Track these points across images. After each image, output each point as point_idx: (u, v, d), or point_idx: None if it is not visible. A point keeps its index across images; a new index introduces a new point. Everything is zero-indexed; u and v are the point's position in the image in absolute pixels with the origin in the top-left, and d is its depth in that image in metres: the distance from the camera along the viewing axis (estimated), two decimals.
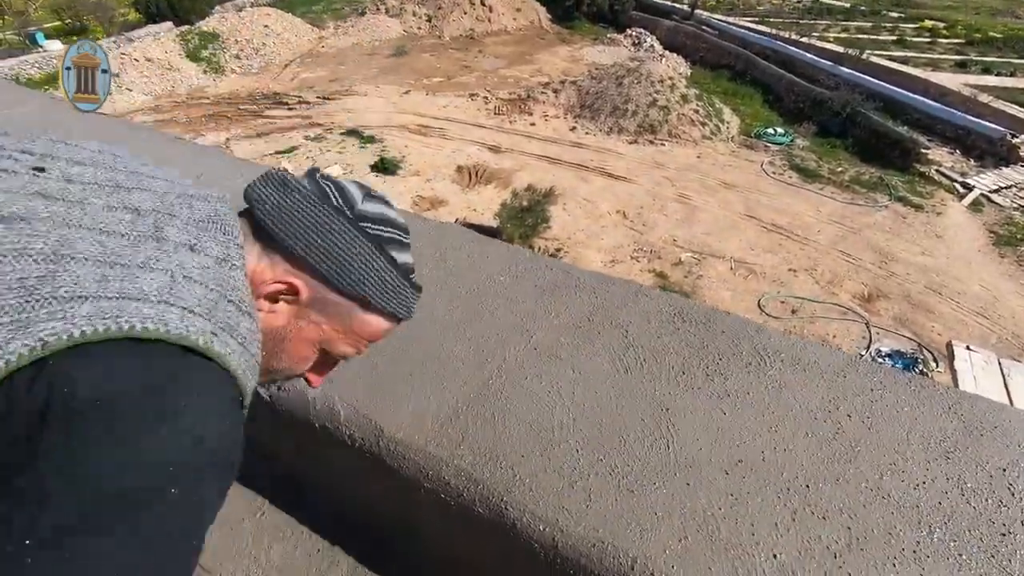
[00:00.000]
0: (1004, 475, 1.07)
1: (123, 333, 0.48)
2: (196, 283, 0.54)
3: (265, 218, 0.62)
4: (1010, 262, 13.71)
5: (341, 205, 0.64)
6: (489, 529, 1.01)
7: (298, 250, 0.62)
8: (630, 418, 1.15)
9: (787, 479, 1.05)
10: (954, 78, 21.51)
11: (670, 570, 0.91)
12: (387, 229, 0.66)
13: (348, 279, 0.63)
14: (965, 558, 0.94)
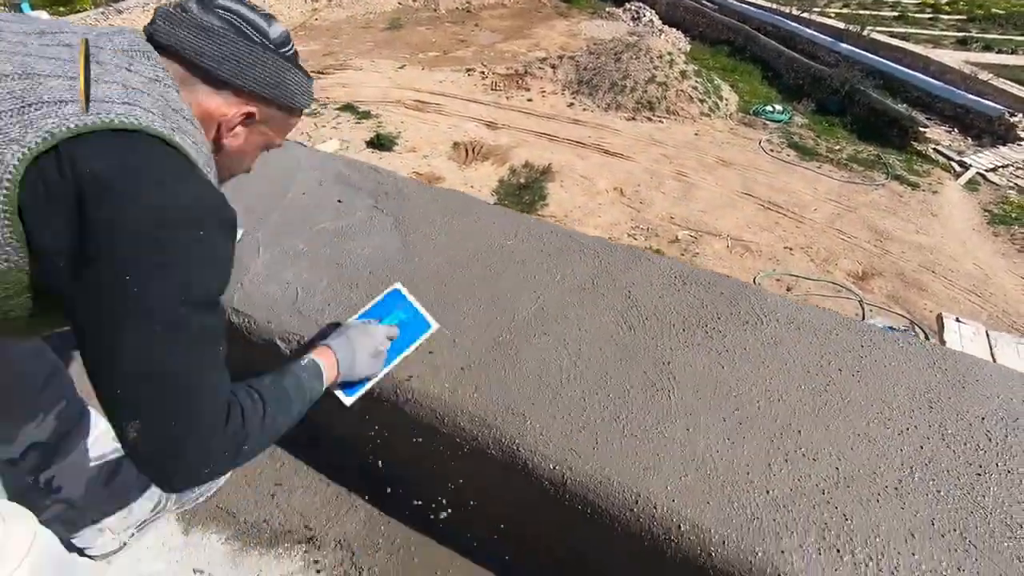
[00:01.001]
0: (983, 423, 1.15)
1: (107, 125, 0.61)
2: (143, 94, 0.66)
3: (205, 62, 0.72)
4: (1003, 240, 13.80)
5: (260, 40, 0.76)
6: (502, 470, 1.08)
7: (246, 86, 0.75)
8: (633, 371, 1.22)
9: (780, 425, 1.12)
10: (955, 55, 21.32)
11: (671, 504, 0.98)
12: (291, 47, 0.82)
13: (287, 97, 0.80)
14: (943, 494, 1.02)
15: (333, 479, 1.40)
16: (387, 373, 1.08)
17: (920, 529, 0.96)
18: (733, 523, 0.96)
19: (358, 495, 1.37)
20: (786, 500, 0.99)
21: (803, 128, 18.31)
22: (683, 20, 26.08)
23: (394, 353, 1.10)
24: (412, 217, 1.66)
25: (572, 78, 20.75)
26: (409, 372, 1.19)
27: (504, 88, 20.95)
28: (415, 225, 1.63)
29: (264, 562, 1.26)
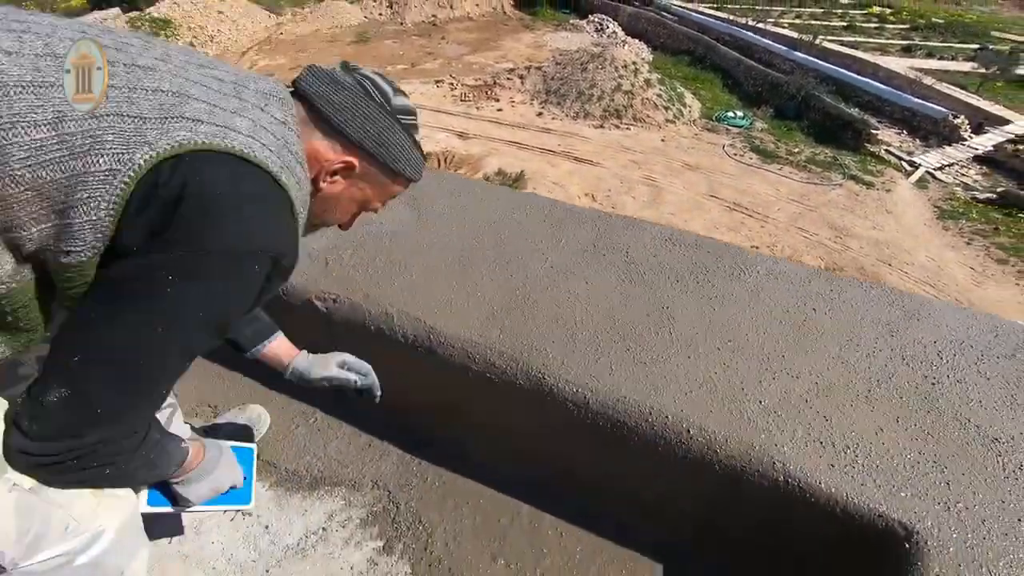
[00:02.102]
0: (934, 345, 1.34)
1: (227, 149, 0.66)
2: (268, 132, 0.72)
3: (326, 109, 0.78)
4: (953, 234, 14.59)
5: (381, 101, 0.81)
6: (530, 397, 1.22)
7: (354, 136, 0.80)
8: (637, 314, 1.37)
9: (767, 352, 1.29)
10: (901, 62, 22.52)
11: (679, 414, 1.14)
12: (411, 118, 0.86)
13: (390, 158, 0.83)
14: (904, 399, 1.20)
15: (364, 429, 1.51)
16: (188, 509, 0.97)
17: (887, 425, 1.14)
18: (733, 426, 1.12)
19: (389, 441, 1.48)
20: (776, 407, 1.16)
21: (763, 132, 19.05)
22: (645, 31, 26.86)
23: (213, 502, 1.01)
24: (422, 196, 1.80)
25: (540, 88, 21.16)
26: (434, 322, 1.33)
27: (474, 99, 21.23)
28: (426, 203, 1.77)
29: (308, 503, 1.37)
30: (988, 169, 17.65)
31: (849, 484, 1.04)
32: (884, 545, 0.99)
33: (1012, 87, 21.79)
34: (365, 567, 1.26)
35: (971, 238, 14.46)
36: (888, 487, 1.03)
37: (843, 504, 1.02)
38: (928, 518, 0.98)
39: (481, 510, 1.36)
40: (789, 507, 1.06)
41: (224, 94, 0.71)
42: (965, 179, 17.21)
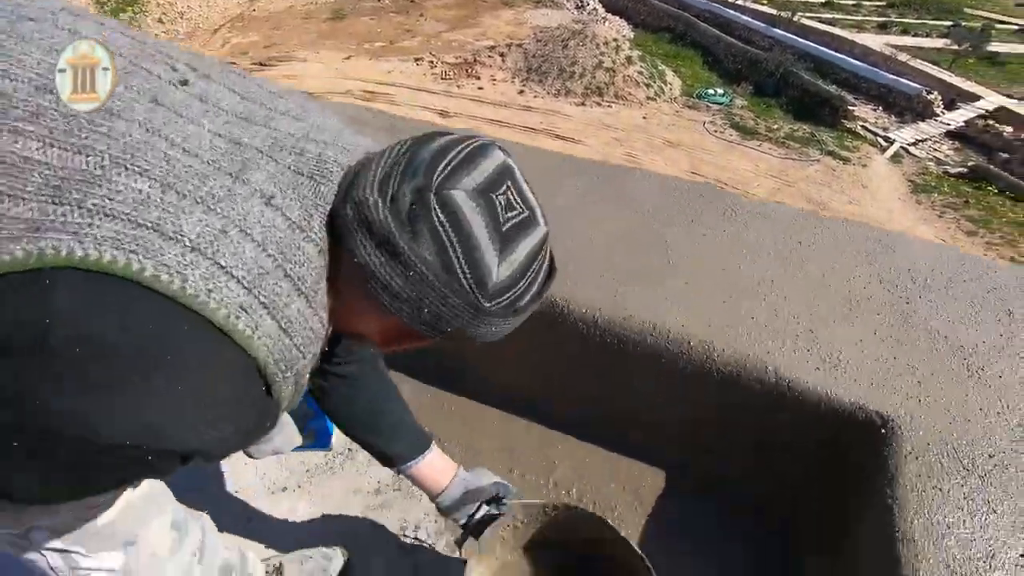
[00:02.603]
0: (908, 272, 1.47)
1: (130, 273, 0.42)
2: (252, 241, 0.48)
3: (378, 294, 0.52)
4: (926, 208, 15.02)
5: (471, 288, 0.51)
6: (541, 316, 1.32)
7: (414, 327, 0.54)
8: (639, 246, 1.47)
9: (757, 279, 1.40)
10: (877, 39, 22.83)
11: (681, 328, 1.24)
12: (522, 283, 0.55)
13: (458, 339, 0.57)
14: (880, 315, 1.32)
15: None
16: None
17: (866, 337, 1.26)
18: (730, 337, 1.23)
19: (407, 375, 1.57)
20: (767, 322, 1.28)
21: (743, 109, 19.25)
22: (625, 8, 26.73)
23: None
24: None
25: (521, 66, 21.04)
26: None
27: (454, 77, 21.03)
28: None
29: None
30: (959, 144, 18.10)
31: (833, 384, 1.16)
32: (863, 433, 1.12)
33: (983, 63, 22.26)
34: (391, 480, 1.36)
35: (942, 211, 14.89)
36: (867, 385, 1.16)
37: (827, 400, 1.14)
38: (901, 409, 1.11)
39: (496, 430, 1.46)
40: (780, 406, 1.18)
41: (211, 169, 0.49)
42: (937, 154, 17.64)
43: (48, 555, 0.69)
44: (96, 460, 0.46)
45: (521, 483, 1.36)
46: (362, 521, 1.29)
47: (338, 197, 0.53)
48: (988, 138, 17.80)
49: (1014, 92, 20.15)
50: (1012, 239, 13.51)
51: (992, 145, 17.55)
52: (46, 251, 0.41)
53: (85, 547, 0.70)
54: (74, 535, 0.69)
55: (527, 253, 0.55)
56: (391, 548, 1.24)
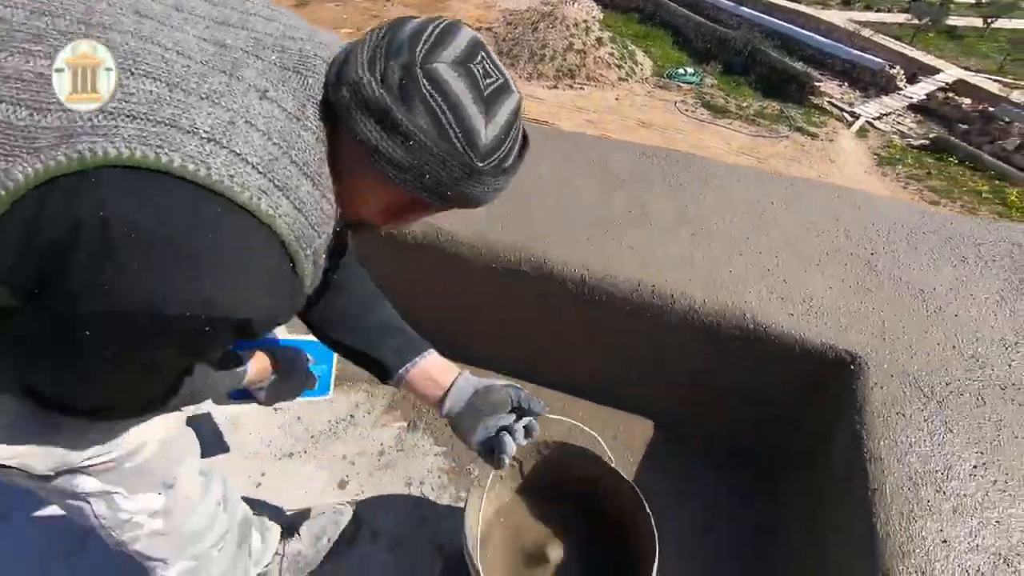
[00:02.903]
0: (873, 226, 1.56)
1: (160, 166, 0.46)
2: (257, 131, 0.51)
3: (381, 166, 0.56)
4: (891, 179, 15.46)
5: (464, 150, 0.56)
6: (533, 281, 1.38)
7: (415, 193, 0.58)
8: (620, 211, 1.54)
9: (733, 236, 1.48)
10: (841, 15, 23.20)
11: (663, 283, 1.32)
12: (507, 144, 0.60)
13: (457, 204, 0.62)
14: (848, 266, 1.41)
15: None
16: None
17: (834, 285, 1.35)
18: (710, 289, 1.31)
19: None
20: (743, 275, 1.36)
21: (713, 88, 19.45)
22: None
23: None
24: None
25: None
26: (441, 224, 1.46)
27: None
28: None
29: (333, 397, 1.50)
30: (921, 117, 18.59)
31: (806, 327, 1.25)
32: (835, 369, 1.21)
33: (942, 37, 22.81)
34: (394, 442, 1.41)
35: (907, 182, 15.33)
36: (836, 327, 1.25)
37: (801, 342, 1.23)
38: (868, 347, 1.20)
39: None
40: (758, 349, 1.26)
41: (207, 68, 0.52)
42: (901, 127, 18.11)
43: (93, 502, 0.74)
44: (159, 340, 0.52)
45: None
46: (368, 480, 1.35)
47: (330, 84, 0.57)
48: (948, 110, 18.33)
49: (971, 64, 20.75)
50: (972, 207, 14.01)
51: (952, 117, 18.08)
52: (85, 154, 0.45)
53: (126, 488, 0.75)
54: (115, 475, 0.73)
55: (508, 115, 0.59)
56: (397, 502, 1.30)
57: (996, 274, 1.43)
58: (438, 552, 1.22)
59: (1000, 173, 15.27)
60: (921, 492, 0.96)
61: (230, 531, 0.95)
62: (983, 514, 0.94)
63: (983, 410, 1.10)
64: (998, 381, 1.15)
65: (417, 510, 1.29)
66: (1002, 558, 0.88)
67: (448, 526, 1.26)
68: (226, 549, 0.95)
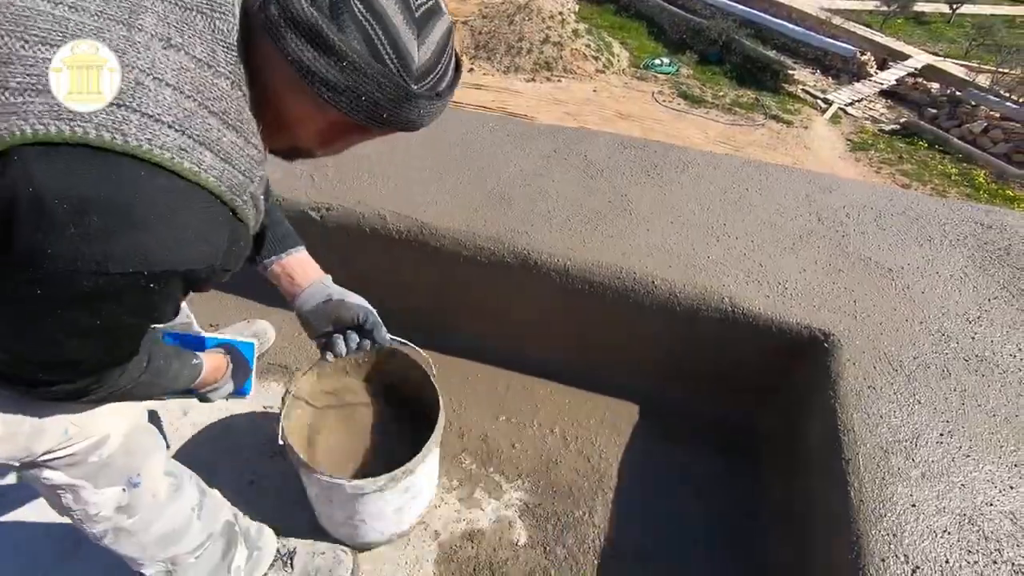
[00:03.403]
0: (843, 209, 1.62)
1: (76, 139, 0.46)
2: (168, 87, 0.50)
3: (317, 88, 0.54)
4: (864, 164, 15.74)
5: (398, 70, 0.55)
6: (517, 272, 1.41)
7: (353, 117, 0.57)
8: (600, 201, 1.57)
9: (710, 223, 1.52)
10: (812, 3, 23.48)
11: (645, 270, 1.35)
12: (441, 65, 0.59)
13: (395, 126, 0.60)
14: (820, 248, 1.46)
15: None
16: None
17: (808, 267, 1.40)
18: (689, 274, 1.35)
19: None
20: (721, 260, 1.40)
21: (689, 78, 19.57)
22: None
23: None
24: None
25: (468, 43, 20.75)
26: (424, 218, 1.48)
27: None
28: None
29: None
30: (892, 102, 18.95)
31: (781, 308, 1.29)
32: (808, 347, 1.26)
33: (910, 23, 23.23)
34: None
35: (879, 167, 15.63)
36: (810, 307, 1.30)
37: (777, 322, 1.28)
38: (840, 325, 1.25)
39: (480, 382, 1.55)
40: (736, 331, 1.31)
41: (101, 21, 0.49)
42: (873, 113, 18.44)
43: (62, 494, 0.77)
44: (107, 301, 0.53)
45: (508, 426, 1.46)
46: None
47: (255, 3, 0.54)
48: (917, 95, 18.70)
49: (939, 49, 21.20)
50: (942, 189, 14.34)
51: (921, 102, 18.46)
52: (4, 136, 0.45)
53: (91, 482, 0.77)
54: (80, 469, 0.75)
55: (440, 36, 0.59)
56: None
57: (961, 252, 1.49)
58: (434, 538, 1.25)
59: (967, 156, 15.66)
60: (892, 460, 1.01)
61: (211, 541, 0.95)
62: (949, 478, 0.99)
63: (948, 382, 1.15)
64: (962, 354, 1.21)
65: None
66: (967, 518, 0.94)
67: (444, 513, 1.29)
68: (205, 559, 0.95)
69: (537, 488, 1.34)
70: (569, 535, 1.26)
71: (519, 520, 1.28)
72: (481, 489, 1.33)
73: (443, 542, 1.24)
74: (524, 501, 1.32)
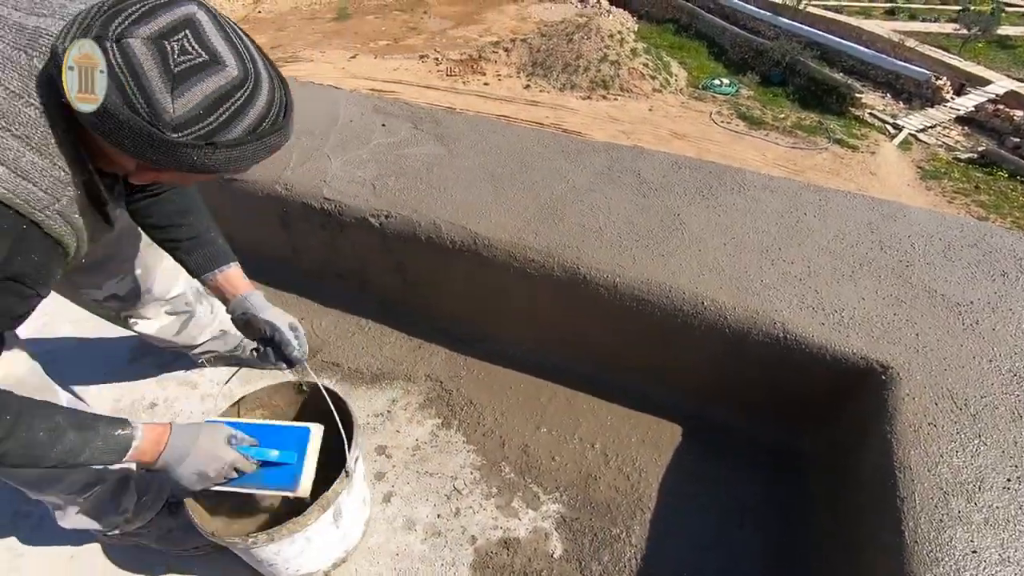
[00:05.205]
0: (908, 238, 1.56)
1: None
2: None
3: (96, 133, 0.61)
4: (935, 194, 14.95)
5: (149, 121, 0.59)
6: (565, 285, 1.43)
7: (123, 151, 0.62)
8: (652, 220, 1.57)
9: (765, 245, 1.50)
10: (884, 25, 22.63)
11: (695, 290, 1.35)
12: (212, 118, 0.61)
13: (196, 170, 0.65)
14: (882, 277, 1.41)
15: (413, 334, 1.72)
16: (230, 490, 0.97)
17: (868, 296, 1.36)
18: (740, 297, 1.33)
19: (437, 343, 1.69)
20: (775, 284, 1.37)
21: (750, 99, 19.20)
22: (629, 0, 26.66)
23: (242, 481, 0.96)
24: (449, 134, 1.97)
25: (526, 60, 21.08)
26: (477, 228, 1.52)
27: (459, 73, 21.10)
28: (453, 139, 1.94)
29: (371, 393, 1.57)
30: (969, 129, 17.95)
31: (837, 336, 1.26)
32: (864, 378, 1.21)
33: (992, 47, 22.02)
34: (428, 438, 1.47)
35: (953, 196, 14.81)
36: (868, 338, 1.25)
37: (832, 351, 1.24)
38: (900, 357, 1.21)
39: (523, 392, 1.57)
40: (787, 356, 1.28)
41: None
42: (947, 140, 17.51)
43: None
44: None
45: (548, 438, 1.47)
46: (404, 472, 1.40)
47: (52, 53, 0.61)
48: (998, 123, 17.65)
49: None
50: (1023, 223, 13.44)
51: (1002, 130, 17.41)
52: None
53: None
54: None
55: (208, 92, 0.61)
56: (432, 495, 1.36)
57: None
58: (471, 543, 1.26)
59: None
60: (952, 502, 0.96)
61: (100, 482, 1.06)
62: (1016, 527, 0.93)
63: (1020, 425, 1.09)
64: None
65: (451, 503, 1.34)
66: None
67: (482, 518, 1.31)
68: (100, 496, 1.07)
69: (575, 502, 1.34)
70: (605, 552, 1.25)
71: (555, 532, 1.29)
72: (519, 499, 1.35)
73: (479, 547, 1.26)
74: (561, 514, 1.32)
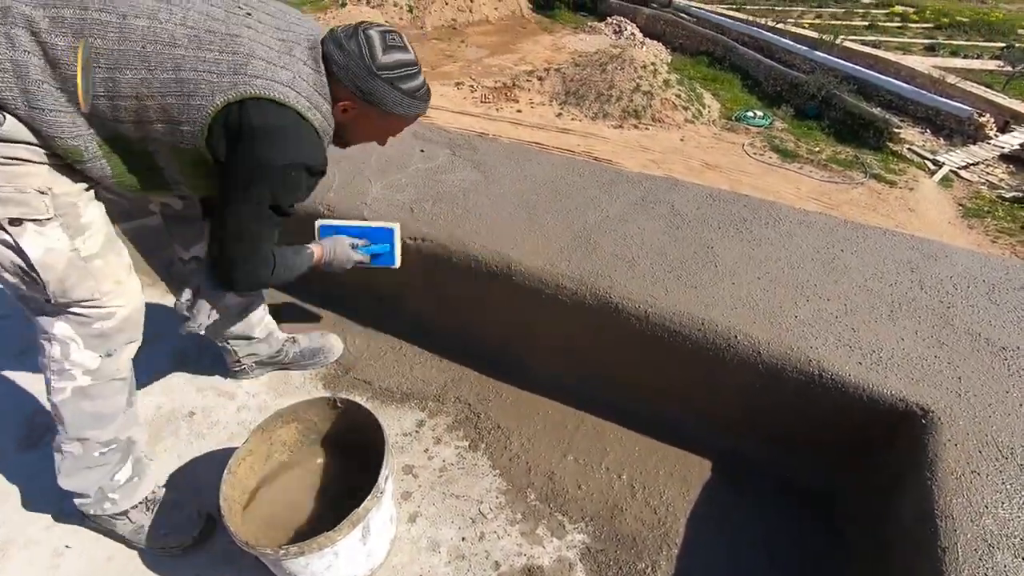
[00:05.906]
0: (950, 279, 1.53)
1: (270, 97, 0.99)
2: (303, 80, 1.03)
3: (333, 68, 1.06)
4: (978, 232, 14.46)
5: (369, 62, 1.06)
6: (596, 312, 1.43)
7: (350, 88, 1.08)
8: (685, 251, 1.58)
9: (800, 281, 1.49)
10: (924, 61, 22.31)
11: (728, 324, 1.34)
12: (398, 71, 1.09)
13: (375, 102, 1.10)
14: (922, 318, 1.38)
15: (443, 355, 1.74)
16: None
17: (907, 336, 1.33)
18: (774, 333, 1.32)
19: (467, 366, 1.70)
20: (810, 321, 1.36)
21: (783, 132, 19.02)
22: (663, 33, 26.92)
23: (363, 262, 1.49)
24: (486, 161, 2.02)
25: (559, 89, 21.37)
26: (511, 254, 1.54)
27: (493, 100, 21.50)
28: (490, 165, 1.99)
29: (401, 412, 1.59)
30: (1015, 168, 17.43)
31: (875, 377, 1.23)
32: (902, 421, 1.18)
33: None
34: (455, 460, 1.48)
35: (996, 236, 14.31)
36: (907, 379, 1.22)
37: (869, 392, 1.22)
38: (942, 401, 1.17)
39: (551, 419, 1.57)
40: (822, 396, 1.26)
41: (279, 52, 1.02)
42: (991, 178, 17.02)
43: (53, 344, 1.07)
44: (275, 180, 1.04)
45: (575, 467, 1.46)
46: (429, 493, 1.41)
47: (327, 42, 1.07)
48: None
49: None
50: None
51: None
52: (243, 91, 0.97)
53: (85, 342, 1.09)
54: (85, 330, 1.07)
55: (401, 57, 1.09)
56: (457, 517, 1.36)
57: None
58: (494, 568, 1.26)
59: None
60: (997, 556, 0.93)
61: (117, 445, 1.21)
62: None
63: None
64: None
65: (476, 527, 1.34)
66: None
67: (506, 544, 1.30)
68: (105, 458, 1.20)
69: (600, 533, 1.33)
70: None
71: (580, 563, 1.27)
72: (544, 527, 1.34)
73: (503, 573, 1.25)
74: (586, 544, 1.31)
